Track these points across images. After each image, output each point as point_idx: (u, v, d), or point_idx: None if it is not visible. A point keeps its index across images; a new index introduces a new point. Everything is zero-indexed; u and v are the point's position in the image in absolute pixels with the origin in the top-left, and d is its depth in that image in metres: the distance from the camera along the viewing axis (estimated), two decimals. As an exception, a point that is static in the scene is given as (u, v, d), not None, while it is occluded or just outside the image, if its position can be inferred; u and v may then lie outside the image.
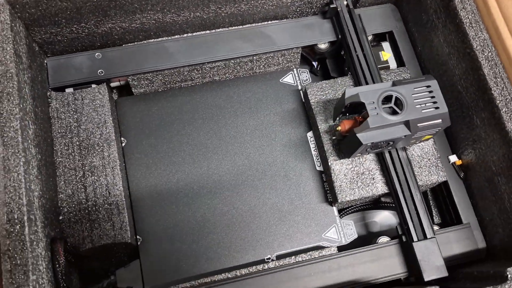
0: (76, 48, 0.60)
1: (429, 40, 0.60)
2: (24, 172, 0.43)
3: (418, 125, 0.48)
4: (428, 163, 0.57)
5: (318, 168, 0.60)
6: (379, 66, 0.62)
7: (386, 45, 0.64)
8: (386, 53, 0.63)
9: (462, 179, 0.57)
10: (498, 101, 0.48)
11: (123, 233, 0.52)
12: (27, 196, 0.42)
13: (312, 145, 0.61)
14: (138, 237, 0.56)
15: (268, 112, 0.63)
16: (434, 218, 0.61)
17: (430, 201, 0.62)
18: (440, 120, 0.49)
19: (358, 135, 0.48)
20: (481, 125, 0.52)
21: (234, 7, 0.59)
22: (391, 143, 0.51)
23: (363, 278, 0.52)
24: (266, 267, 0.54)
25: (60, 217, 0.52)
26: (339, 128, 0.52)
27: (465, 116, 0.55)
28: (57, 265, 0.46)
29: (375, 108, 0.47)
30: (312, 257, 0.54)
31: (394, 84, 0.50)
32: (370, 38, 0.64)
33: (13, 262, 0.39)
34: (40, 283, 0.41)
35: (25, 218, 0.41)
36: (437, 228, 0.56)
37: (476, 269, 0.49)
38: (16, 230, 0.41)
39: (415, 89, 0.49)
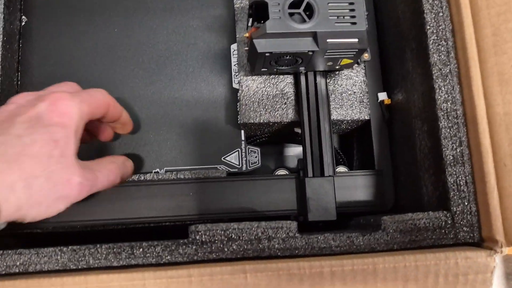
0: None
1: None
2: None
3: (328, 40, 0.40)
4: (352, 97, 0.50)
5: (234, 86, 0.53)
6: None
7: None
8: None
9: (385, 121, 0.50)
10: (428, 27, 0.40)
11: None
12: None
13: (234, 59, 0.54)
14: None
15: (191, 15, 0.55)
16: (348, 161, 0.55)
17: (350, 147, 0.56)
18: (356, 40, 0.41)
19: (254, 40, 0.40)
20: (410, 58, 0.44)
21: None
22: (300, 60, 0.43)
23: (248, 209, 0.47)
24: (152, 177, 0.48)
25: None
26: (246, 35, 0.45)
27: (400, 47, 0.47)
28: None
29: (278, 11, 0.40)
30: (197, 176, 0.48)
31: (312, -12, 0.41)
32: None
33: None
34: None
35: None
36: (345, 169, 0.50)
37: (365, 217, 0.43)
38: None
39: (334, -2, 0.41)
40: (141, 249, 0.36)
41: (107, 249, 0.35)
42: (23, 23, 0.53)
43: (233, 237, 0.37)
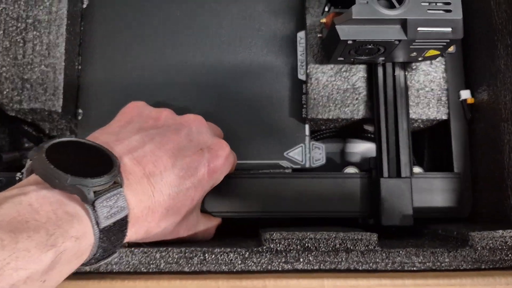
0: None
1: None
2: None
3: (418, 29, 0.37)
4: (429, 94, 0.46)
5: (300, 77, 0.50)
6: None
7: None
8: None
9: (467, 121, 0.46)
10: (532, 18, 0.36)
11: (55, 101, 0.46)
12: None
13: (300, 48, 0.51)
14: (79, 110, 0.50)
15: (257, -1, 0.52)
16: (423, 162, 0.51)
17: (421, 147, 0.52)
18: (450, 29, 0.37)
19: (337, 26, 0.37)
20: (504, 55, 0.40)
21: None
22: (383, 50, 0.40)
23: (314, 208, 0.44)
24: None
25: (-10, 68, 0.46)
26: (323, 20, 0.42)
27: (490, 41, 0.42)
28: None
29: (366, -5, 0.36)
30: (261, 171, 0.46)
31: (402, -29, 0.38)
32: None
33: None
34: None
35: None
36: (421, 171, 0.46)
37: (444, 227, 0.39)
38: None
39: (427, -18, 0.37)
40: (213, 255, 0.33)
41: (178, 253, 0.33)
42: (84, 5, 0.52)
43: (309, 247, 0.34)
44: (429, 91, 0.46)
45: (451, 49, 0.45)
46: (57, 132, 0.52)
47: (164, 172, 0.32)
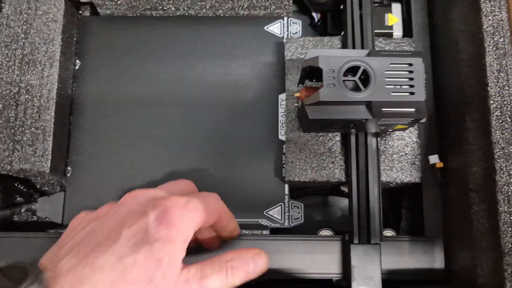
0: (44, -50, 0.54)
1: (447, 11, 0.48)
2: None
3: (382, 110, 0.39)
4: (403, 158, 0.48)
5: (280, 137, 0.52)
6: (380, 31, 0.51)
7: (396, 7, 0.53)
8: (394, 17, 0.52)
9: (438, 185, 0.48)
10: (492, 101, 0.38)
11: (43, 162, 0.48)
12: None
13: (281, 110, 0.53)
14: (68, 168, 0.52)
15: (241, 62, 0.55)
16: (396, 224, 0.53)
17: (399, 205, 0.53)
18: (414, 109, 0.39)
19: (306, 107, 0.39)
20: (471, 128, 0.42)
21: None
22: (352, 125, 0.42)
23: (290, 270, 0.46)
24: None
25: (-17, 131, 0.48)
26: (297, 94, 0.44)
27: (460, 113, 0.44)
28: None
29: (333, 78, 0.38)
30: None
31: (369, 54, 0.40)
32: (380, -5, 0.53)
33: None
34: None
35: None
36: (393, 233, 0.48)
37: (414, 291, 0.41)
38: None
39: (392, 65, 0.39)
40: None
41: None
42: (76, 67, 0.55)
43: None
44: (402, 155, 0.48)
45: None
46: (48, 187, 0.54)
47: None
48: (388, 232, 0.48)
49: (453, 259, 0.46)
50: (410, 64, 0.39)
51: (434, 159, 0.47)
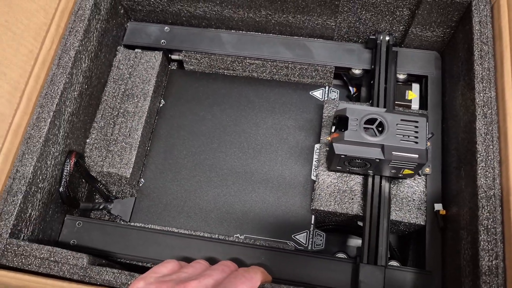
0: (153, 19, 0.73)
1: (453, 90, 0.61)
2: (63, 88, 0.55)
3: (392, 152, 0.51)
4: (411, 203, 0.58)
5: (312, 177, 0.64)
6: (400, 102, 0.65)
7: (416, 86, 0.66)
8: (413, 93, 0.66)
9: (440, 229, 0.57)
10: (479, 155, 0.49)
11: (126, 169, 0.62)
12: (58, 106, 0.54)
13: (316, 156, 0.66)
14: (142, 179, 0.66)
15: (288, 116, 0.69)
16: (404, 260, 0.61)
17: (410, 244, 0.62)
18: (417, 156, 0.51)
19: (334, 144, 0.52)
20: (464, 178, 0.52)
21: (282, 17, 0.67)
22: (369, 165, 0.54)
23: (307, 280, 0.55)
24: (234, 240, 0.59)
25: (87, 140, 0.64)
26: (328, 138, 0.57)
27: (458, 167, 0.55)
28: (65, 171, 0.57)
29: (356, 124, 0.51)
30: (270, 245, 0.58)
31: (386, 110, 0.53)
32: (404, 76, 0.67)
33: (27, 142, 0.52)
34: (43, 172, 0.53)
35: (49, 120, 0.53)
36: (397, 264, 0.57)
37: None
38: (39, 126, 0.53)
39: (402, 120, 0.51)
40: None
41: None
42: (161, 105, 0.71)
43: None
44: (411, 200, 0.59)
45: (428, 170, 0.58)
46: (121, 194, 0.68)
47: None
48: (394, 263, 0.57)
49: (447, 291, 0.53)
50: (416, 121, 0.51)
51: (438, 206, 0.57)
